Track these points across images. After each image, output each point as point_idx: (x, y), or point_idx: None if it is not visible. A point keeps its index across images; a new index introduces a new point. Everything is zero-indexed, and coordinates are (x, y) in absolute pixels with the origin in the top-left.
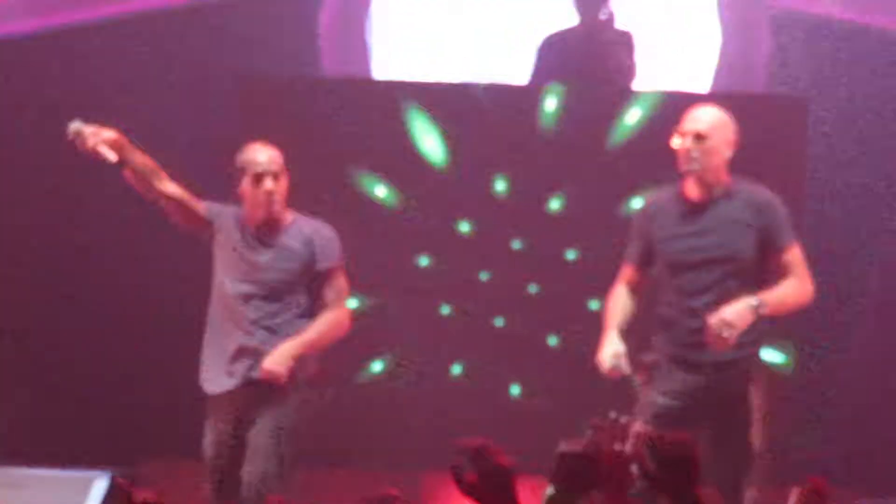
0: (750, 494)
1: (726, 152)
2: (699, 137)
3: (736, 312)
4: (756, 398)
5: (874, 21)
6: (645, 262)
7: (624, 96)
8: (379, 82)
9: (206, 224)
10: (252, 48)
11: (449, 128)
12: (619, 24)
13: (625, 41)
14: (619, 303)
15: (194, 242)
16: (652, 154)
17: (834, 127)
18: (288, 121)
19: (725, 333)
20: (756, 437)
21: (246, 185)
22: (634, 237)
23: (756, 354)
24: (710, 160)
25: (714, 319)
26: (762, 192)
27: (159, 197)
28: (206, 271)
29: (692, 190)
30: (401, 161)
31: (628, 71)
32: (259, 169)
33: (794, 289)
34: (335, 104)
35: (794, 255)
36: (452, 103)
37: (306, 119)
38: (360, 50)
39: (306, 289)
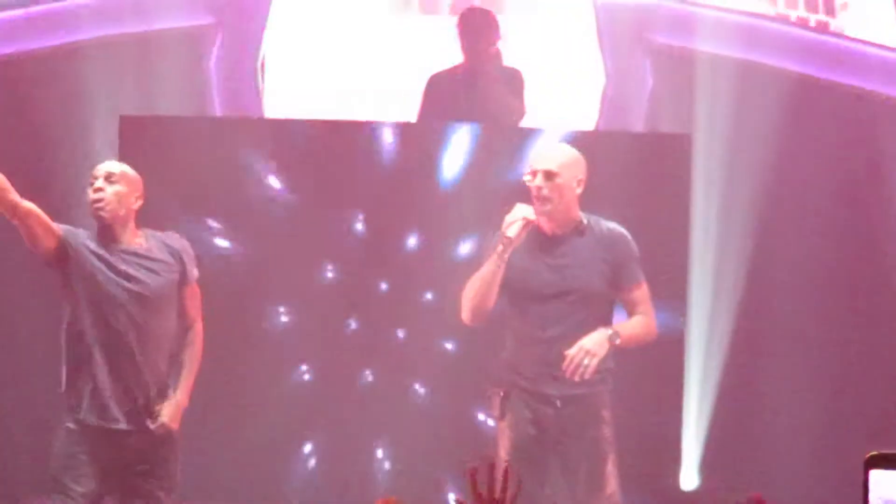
0: None
1: (577, 189)
2: (549, 175)
3: (594, 341)
4: (610, 435)
5: (759, 58)
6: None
7: (515, 134)
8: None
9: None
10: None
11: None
12: (509, 62)
13: (513, 79)
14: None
15: None
16: None
17: (719, 161)
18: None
19: (586, 361)
20: (613, 472)
21: None
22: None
23: (605, 392)
24: (560, 197)
25: (574, 349)
26: (613, 229)
27: (12, 210)
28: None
29: (546, 226)
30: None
31: (516, 109)
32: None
33: (642, 325)
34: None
35: (642, 293)
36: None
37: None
38: (251, 91)
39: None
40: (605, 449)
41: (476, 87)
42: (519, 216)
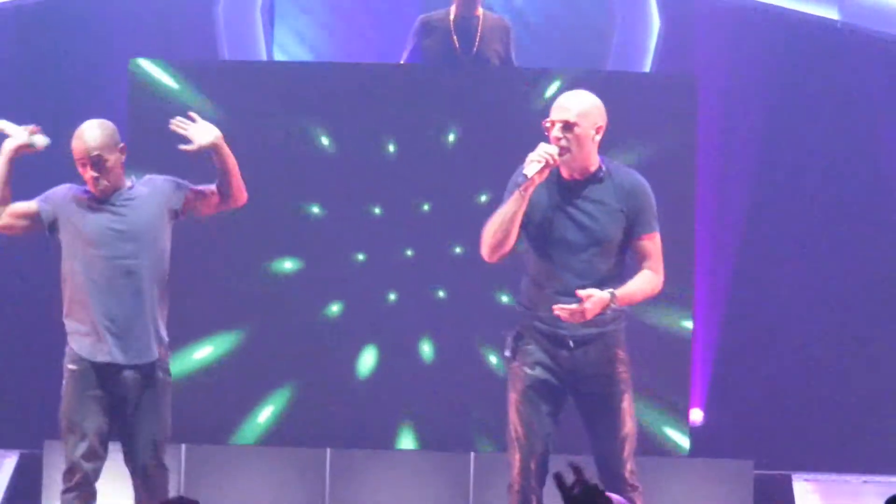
0: (630, 466)
1: (596, 137)
2: (568, 126)
3: (592, 303)
4: (624, 373)
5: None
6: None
7: (518, 74)
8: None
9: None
10: (149, 35)
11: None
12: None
13: (500, 26)
14: None
15: None
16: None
17: (725, 103)
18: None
19: (576, 318)
20: (630, 410)
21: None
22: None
23: (619, 330)
24: (580, 147)
25: (573, 306)
26: (632, 177)
27: None
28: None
29: (565, 171)
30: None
31: (504, 54)
32: (76, 156)
33: (646, 283)
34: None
35: (654, 244)
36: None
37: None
38: (258, 35)
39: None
40: (620, 388)
41: (467, 32)
42: (542, 154)
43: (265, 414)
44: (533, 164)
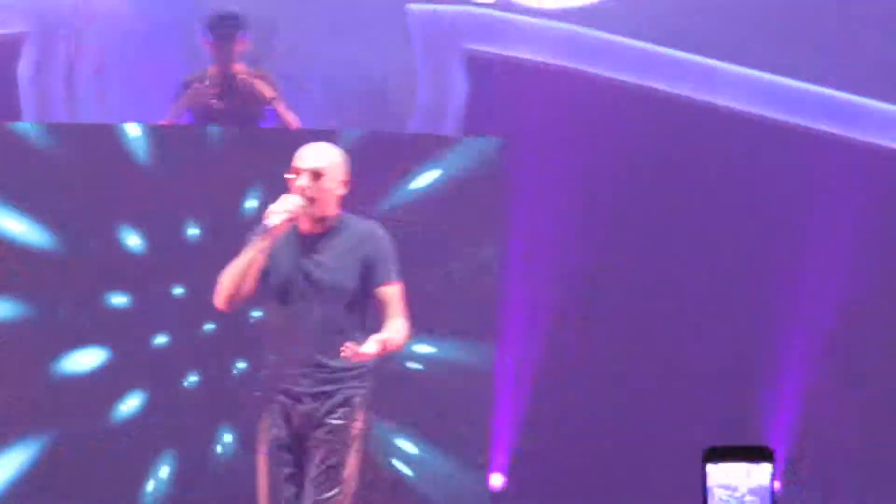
0: None
1: (340, 189)
2: (316, 175)
3: (369, 348)
4: (356, 430)
5: (569, 64)
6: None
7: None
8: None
9: None
10: None
11: None
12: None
13: (263, 85)
14: None
15: None
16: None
17: (532, 166)
18: None
19: (359, 357)
20: (350, 466)
21: None
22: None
23: (359, 388)
24: (324, 198)
25: (349, 345)
26: (369, 226)
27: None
28: None
29: (304, 223)
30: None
31: (263, 112)
32: None
33: (398, 331)
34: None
35: (395, 291)
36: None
37: None
38: (62, 96)
39: None
40: (342, 440)
41: (229, 91)
42: (286, 205)
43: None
44: (275, 215)
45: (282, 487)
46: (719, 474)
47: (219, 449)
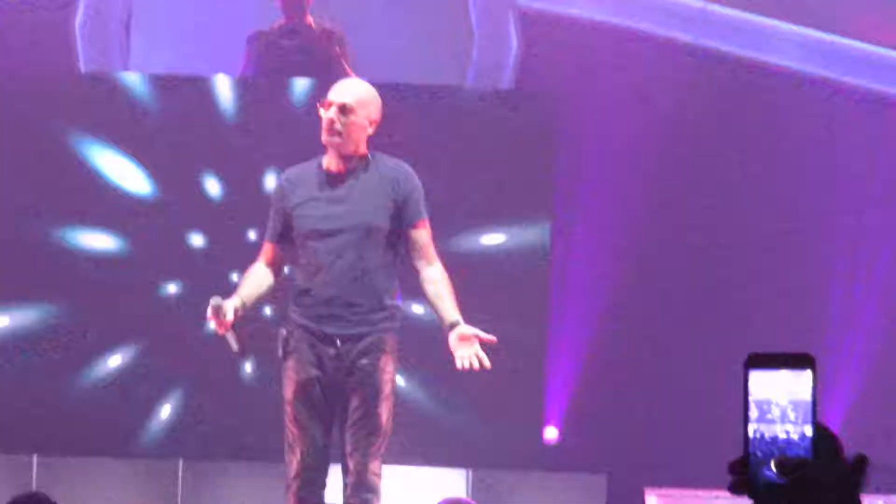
0: (375, 465)
1: (370, 128)
2: (344, 110)
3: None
4: (388, 374)
5: (621, 22)
6: (284, 237)
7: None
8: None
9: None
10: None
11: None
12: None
13: (331, 38)
14: (249, 277)
15: None
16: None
17: (582, 122)
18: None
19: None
20: (385, 412)
21: None
22: (272, 213)
23: (388, 332)
24: (352, 133)
25: (469, 331)
26: (400, 167)
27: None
28: None
29: (331, 161)
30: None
31: (331, 65)
32: None
33: (446, 281)
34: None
35: (426, 232)
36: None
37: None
38: (117, 46)
39: None
40: (378, 386)
41: (298, 43)
42: (213, 319)
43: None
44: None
45: (309, 426)
46: (761, 381)
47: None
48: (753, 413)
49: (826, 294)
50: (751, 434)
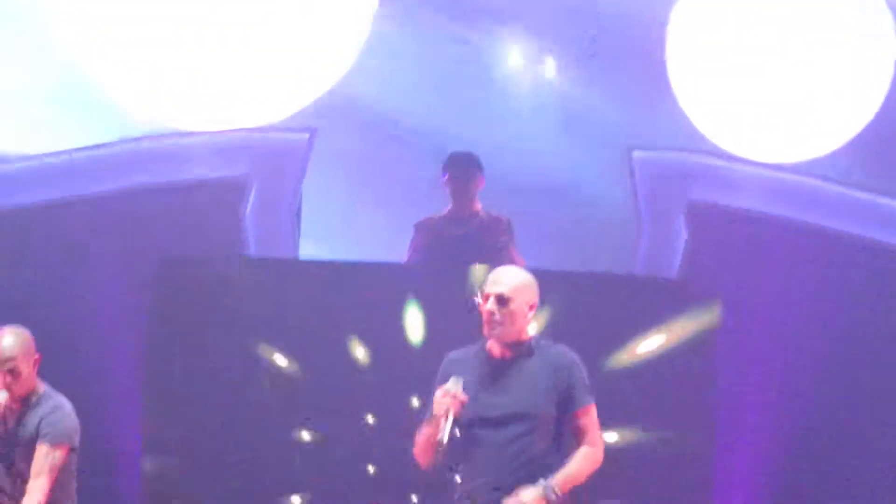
0: None
1: (529, 314)
2: (502, 300)
3: (531, 496)
4: None
5: (788, 213)
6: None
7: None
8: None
9: None
10: (177, 233)
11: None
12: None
13: (499, 226)
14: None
15: None
16: None
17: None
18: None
19: None
20: None
21: None
22: (435, 394)
23: None
24: (513, 322)
25: (511, 499)
26: (562, 352)
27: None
28: None
29: (495, 348)
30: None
31: (500, 253)
32: None
33: (584, 460)
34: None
35: (590, 417)
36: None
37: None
38: (286, 233)
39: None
40: None
41: (466, 231)
42: (448, 397)
43: None
44: (443, 430)
45: None
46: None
47: None
48: None
49: None
50: None
